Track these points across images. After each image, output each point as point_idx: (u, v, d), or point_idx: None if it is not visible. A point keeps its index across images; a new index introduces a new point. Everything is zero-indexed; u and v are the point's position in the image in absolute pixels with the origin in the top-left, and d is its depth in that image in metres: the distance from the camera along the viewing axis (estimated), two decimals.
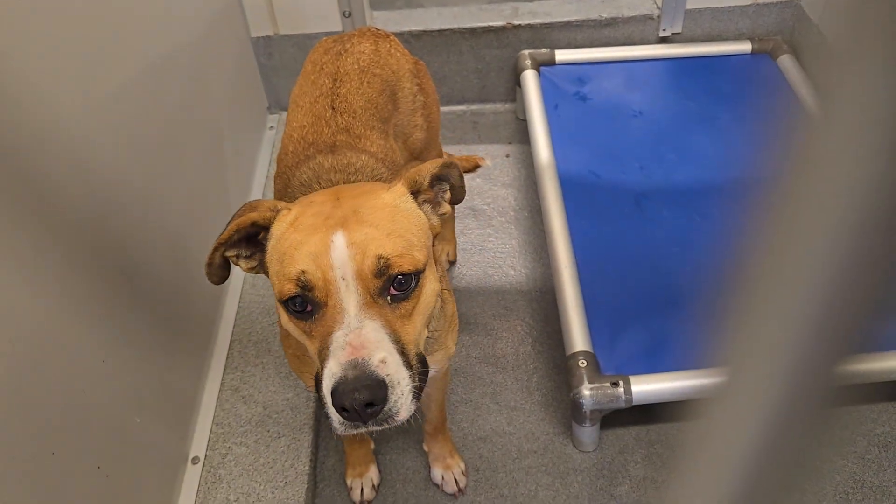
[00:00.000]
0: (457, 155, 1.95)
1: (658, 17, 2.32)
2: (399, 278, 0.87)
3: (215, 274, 0.97)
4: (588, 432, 1.55)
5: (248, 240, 0.96)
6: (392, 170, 1.21)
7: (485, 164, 1.98)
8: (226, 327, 1.74)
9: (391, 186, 0.95)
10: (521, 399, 1.69)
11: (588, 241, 1.79)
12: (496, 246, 2.03)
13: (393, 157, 1.28)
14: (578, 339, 1.56)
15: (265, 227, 0.94)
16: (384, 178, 1.15)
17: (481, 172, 2.19)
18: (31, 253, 1.04)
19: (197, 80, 1.74)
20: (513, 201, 2.14)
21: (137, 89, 1.41)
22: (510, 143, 2.34)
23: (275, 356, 1.68)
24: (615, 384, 1.47)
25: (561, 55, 2.30)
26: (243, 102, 2.15)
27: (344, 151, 1.19)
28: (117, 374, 1.25)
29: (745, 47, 2.31)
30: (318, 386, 0.86)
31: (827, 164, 0.24)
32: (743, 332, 0.30)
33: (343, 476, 1.56)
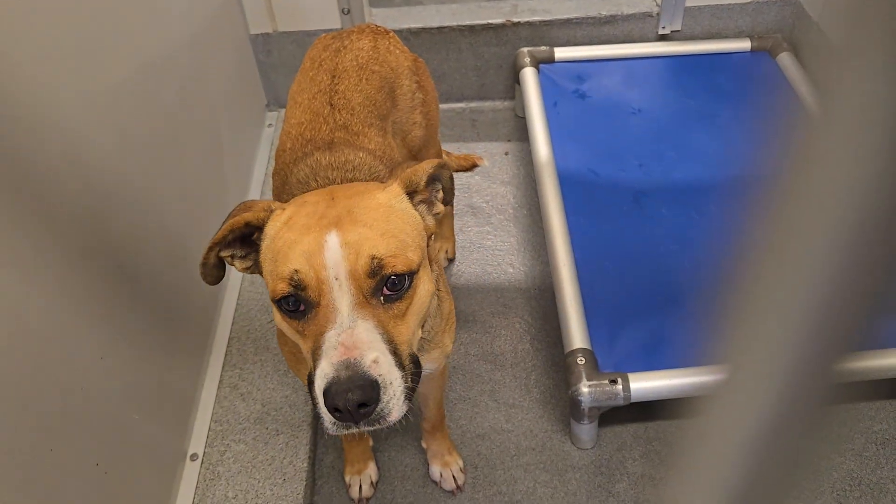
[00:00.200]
0: (455, 153, 1.95)
1: (657, 14, 2.32)
2: (392, 278, 0.87)
3: (210, 274, 0.97)
4: (586, 429, 1.55)
5: (243, 240, 0.96)
6: (390, 167, 1.21)
7: (482, 164, 1.98)
8: (224, 325, 1.74)
9: (386, 186, 0.95)
10: (519, 396, 1.69)
11: (587, 238, 1.79)
12: (495, 244, 2.03)
13: (391, 154, 1.28)
14: (577, 336, 1.56)
15: (259, 227, 0.93)
16: (382, 176, 1.15)
17: (480, 170, 2.19)
18: (30, 250, 1.04)
19: (195, 78, 1.74)
20: (512, 199, 2.14)
21: (135, 86, 1.41)
22: (509, 140, 2.34)
23: (273, 353, 1.68)
24: (613, 381, 1.47)
25: (560, 53, 2.30)
26: (242, 100, 2.15)
27: (342, 149, 1.19)
28: (116, 372, 1.25)
29: (744, 45, 2.31)
30: (311, 386, 0.86)
31: (826, 163, 0.24)
32: (742, 330, 0.30)
33: (342, 473, 1.56)
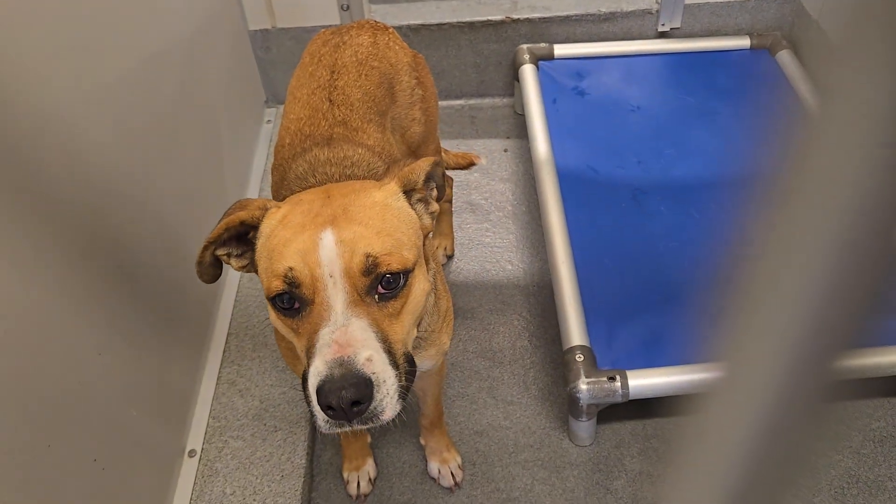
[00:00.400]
0: (452, 151, 1.95)
1: (657, 11, 2.31)
2: (387, 277, 0.86)
3: (206, 273, 0.97)
4: (584, 427, 1.56)
5: (239, 238, 0.95)
6: (389, 163, 1.21)
7: (480, 162, 1.98)
8: (223, 321, 1.74)
9: (383, 185, 0.95)
10: (517, 393, 1.69)
11: (586, 236, 1.79)
12: (494, 240, 2.03)
13: (390, 150, 1.27)
14: (575, 333, 1.56)
15: (254, 226, 0.93)
16: (380, 172, 1.15)
17: (479, 167, 2.19)
18: (27, 246, 1.04)
19: (194, 74, 1.73)
20: (511, 196, 2.14)
21: (134, 82, 1.41)
22: (508, 137, 2.34)
23: (272, 350, 1.68)
24: (612, 379, 1.47)
25: (559, 50, 2.30)
26: (240, 96, 2.14)
27: (340, 144, 1.19)
28: (113, 368, 1.25)
29: (743, 42, 2.31)
30: (304, 384, 0.86)
31: (824, 161, 0.24)
32: (740, 327, 0.30)
33: (340, 469, 1.56)
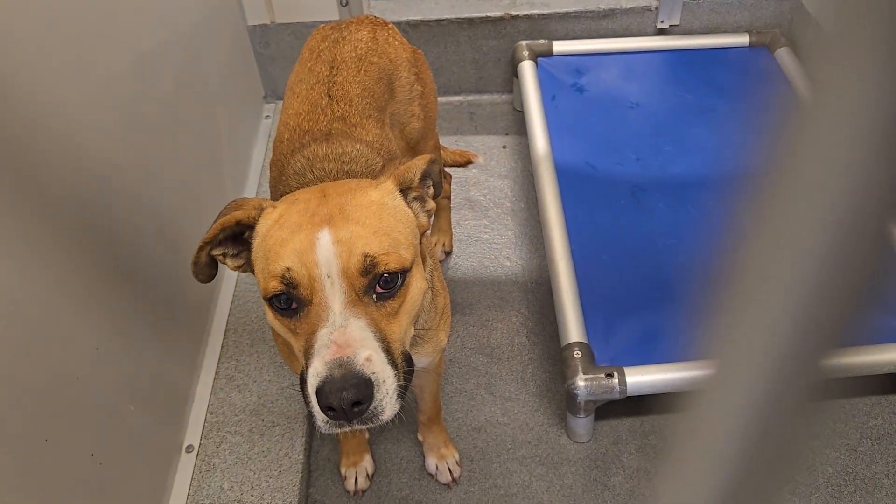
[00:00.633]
0: (450, 149, 1.95)
1: (656, 8, 2.31)
2: (385, 276, 0.86)
3: (202, 273, 0.96)
4: (582, 423, 1.56)
5: (235, 238, 0.95)
6: (387, 159, 1.21)
7: (477, 161, 1.98)
8: (221, 316, 1.74)
9: (379, 184, 0.94)
10: (515, 390, 1.69)
11: (584, 232, 1.79)
12: (492, 237, 2.03)
13: (389, 146, 1.27)
14: (573, 330, 1.56)
15: (250, 226, 0.93)
16: (378, 168, 1.15)
17: (478, 164, 2.19)
18: (25, 241, 1.04)
19: (192, 69, 1.73)
20: (509, 192, 2.14)
21: (132, 77, 1.41)
22: (507, 134, 2.33)
23: (270, 345, 1.68)
24: (610, 375, 1.47)
25: (559, 46, 2.30)
26: (239, 91, 2.14)
27: (339, 140, 1.18)
28: (111, 362, 1.25)
29: (742, 40, 2.31)
30: (303, 384, 0.86)
31: (815, 155, 0.24)
32: (730, 324, 0.30)
33: (337, 465, 1.56)
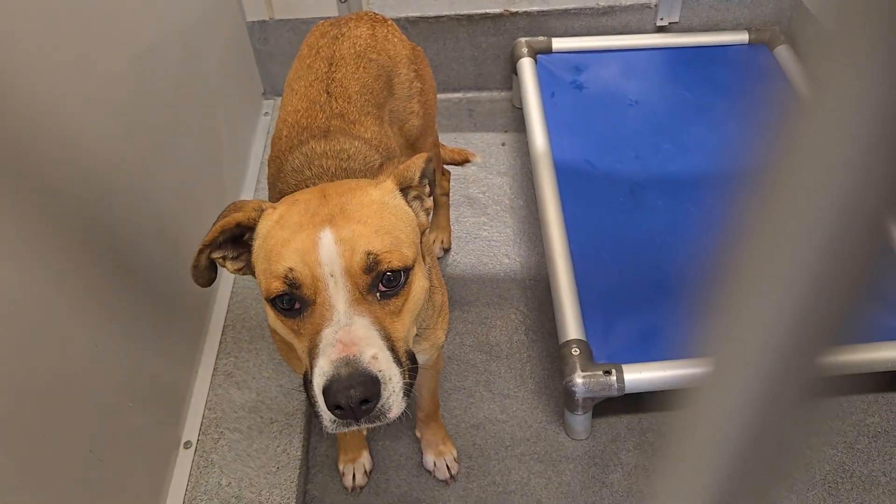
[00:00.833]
0: (448, 147, 1.95)
1: (655, 6, 2.31)
2: (388, 275, 0.86)
3: (202, 276, 0.96)
4: (580, 420, 1.56)
5: (234, 241, 0.95)
6: (386, 156, 1.21)
7: (475, 160, 1.98)
8: (219, 312, 1.74)
9: (379, 183, 0.94)
10: (514, 387, 1.69)
11: (583, 230, 1.79)
12: (491, 234, 2.03)
13: (387, 143, 1.27)
14: (572, 327, 1.56)
15: (250, 228, 0.92)
16: (376, 165, 1.15)
17: (477, 161, 2.19)
18: (24, 238, 1.04)
19: (191, 65, 1.73)
20: (508, 190, 2.14)
21: (131, 74, 1.40)
22: (506, 131, 2.33)
23: (268, 342, 1.68)
24: (608, 372, 1.47)
25: (558, 43, 2.29)
26: (238, 88, 2.14)
27: (337, 137, 1.18)
28: (110, 358, 1.25)
29: (742, 37, 2.31)
30: (307, 385, 0.86)
31: (812, 152, 0.24)
32: (728, 322, 0.30)
33: (335, 461, 1.56)
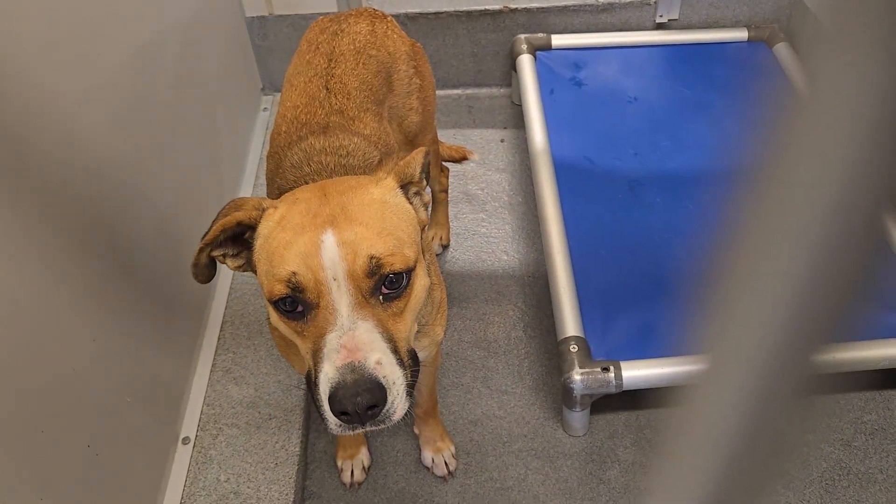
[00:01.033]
0: (446, 144, 1.95)
1: (655, 3, 2.31)
2: (391, 277, 0.86)
3: (202, 274, 0.96)
4: (578, 417, 1.56)
5: (234, 239, 0.95)
6: (385, 153, 1.20)
7: (473, 158, 1.98)
8: (218, 308, 1.74)
9: (380, 181, 0.93)
10: (512, 383, 1.70)
11: (581, 227, 1.79)
12: (489, 231, 2.03)
13: (386, 139, 1.27)
14: (570, 324, 1.56)
15: (251, 226, 0.92)
16: (375, 162, 1.14)
17: (475, 158, 2.18)
18: (22, 233, 1.04)
19: (190, 61, 1.72)
20: (507, 186, 2.14)
21: (130, 70, 1.40)
22: (505, 127, 2.33)
23: (267, 338, 1.68)
24: (606, 369, 1.47)
25: (557, 40, 2.29)
26: (237, 83, 2.13)
27: (336, 133, 1.18)
28: (108, 354, 1.25)
29: (741, 35, 2.31)
30: (311, 386, 0.86)
31: (809, 150, 0.24)
32: (723, 319, 0.30)
33: (334, 458, 1.56)
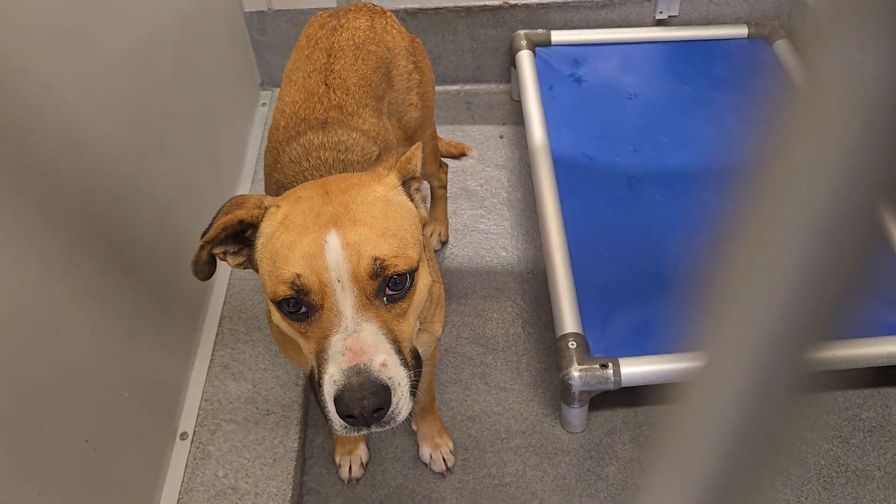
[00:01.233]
0: (445, 140, 1.94)
1: None
2: (395, 278, 0.86)
3: (202, 271, 0.96)
4: (576, 413, 1.56)
5: (235, 236, 0.94)
6: (383, 148, 1.20)
7: (472, 154, 1.98)
8: (216, 303, 1.74)
9: (382, 178, 0.93)
10: (510, 380, 1.70)
11: (580, 223, 1.79)
12: (488, 227, 2.02)
13: (385, 135, 1.27)
14: (569, 320, 1.56)
15: (252, 225, 0.92)
16: (374, 157, 1.14)
17: (474, 154, 2.18)
18: (20, 228, 1.04)
19: (189, 56, 1.72)
20: (506, 182, 2.14)
21: (128, 64, 1.40)
22: (504, 123, 2.33)
23: (265, 333, 1.68)
24: (604, 366, 1.47)
25: (557, 36, 2.29)
26: (236, 78, 2.13)
27: (335, 128, 1.18)
28: (105, 349, 1.24)
29: (741, 31, 2.30)
30: (315, 387, 0.86)
31: (806, 146, 0.23)
32: (720, 316, 0.30)
33: (332, 453, 1.56)
